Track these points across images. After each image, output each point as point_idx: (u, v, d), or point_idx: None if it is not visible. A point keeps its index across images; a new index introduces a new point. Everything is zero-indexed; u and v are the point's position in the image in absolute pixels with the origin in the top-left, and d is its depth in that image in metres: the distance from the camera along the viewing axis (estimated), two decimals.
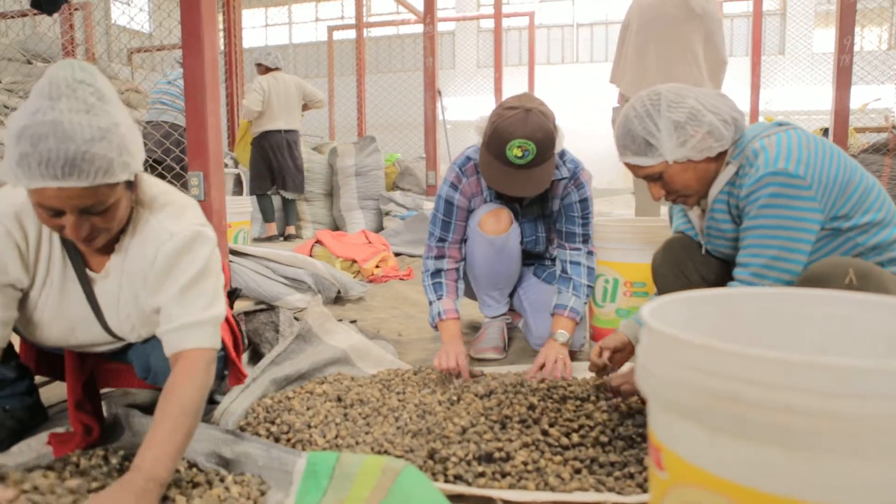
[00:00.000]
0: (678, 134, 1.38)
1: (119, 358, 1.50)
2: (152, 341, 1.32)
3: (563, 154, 2.02)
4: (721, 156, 1.44)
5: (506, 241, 2.02)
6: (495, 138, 1.80)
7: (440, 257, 2.07)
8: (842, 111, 4.86)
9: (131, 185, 1.17)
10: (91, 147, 1.03)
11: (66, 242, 1.24)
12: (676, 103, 1.39)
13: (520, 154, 1.78)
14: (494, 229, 2.00)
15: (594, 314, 2.08)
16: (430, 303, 2.04)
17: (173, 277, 1.18)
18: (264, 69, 5.49)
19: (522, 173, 1.83)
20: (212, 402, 1.68)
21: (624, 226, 2.01)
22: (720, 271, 1.59)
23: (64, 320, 1.30)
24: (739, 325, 0.84)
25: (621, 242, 1.96)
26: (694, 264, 1.61)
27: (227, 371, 1.48)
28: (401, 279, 3.60)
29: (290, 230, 5.60)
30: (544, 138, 1.80)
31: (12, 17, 7.15)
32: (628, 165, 1.47)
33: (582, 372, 1.82)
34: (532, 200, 2.08)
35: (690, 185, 1.44)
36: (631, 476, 1.21)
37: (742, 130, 1.43)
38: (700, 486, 0.61)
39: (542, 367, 1.81)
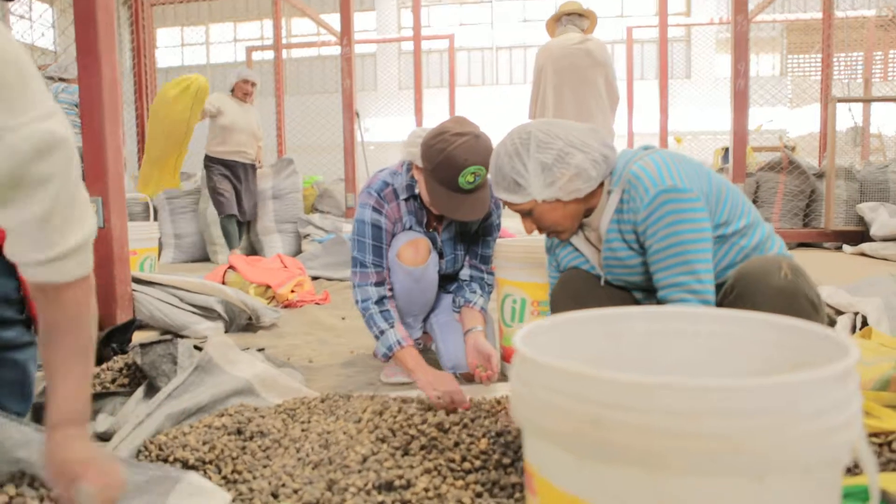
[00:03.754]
0: (545, 175, 1.40)
1: None
2: None
3: None
4: (591, 194, 1.46)
5: (424, 272, 2.00)
6: (448, 165, 1.74)
7: (380, 283, 1.95)
8: (740, 131, 5.17)
9: None
10: None
11: None
12: (546, 143, 1.40)
13: (472, 180, 1.76)
14: (413, 261, 1.98)
15: (504, 334, 2.10)
16: (382, 332, 1.89)
17: (25, 198, 0.93)
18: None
19: (469, 198, 1.81)
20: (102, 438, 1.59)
21: (530, 246, 2.04)
22: (623, 300, 1.60)
23: None
24: (622, 347, 0.85)
25: (528, 263, 1.99)
26: (596, 298, 1.60)
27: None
28: (317, 304, 3.53)
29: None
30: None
31: None
32: (501, 199, 1.50)
33: (491, 392, 1.83)
34: (451, 220, 2.08)
35: (560, 222, 1.47)
36: None
37: (613, 166, 1.46)
38: None
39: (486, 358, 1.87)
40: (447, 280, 2.19)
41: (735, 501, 0.54)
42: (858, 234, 5.52)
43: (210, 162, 5.34)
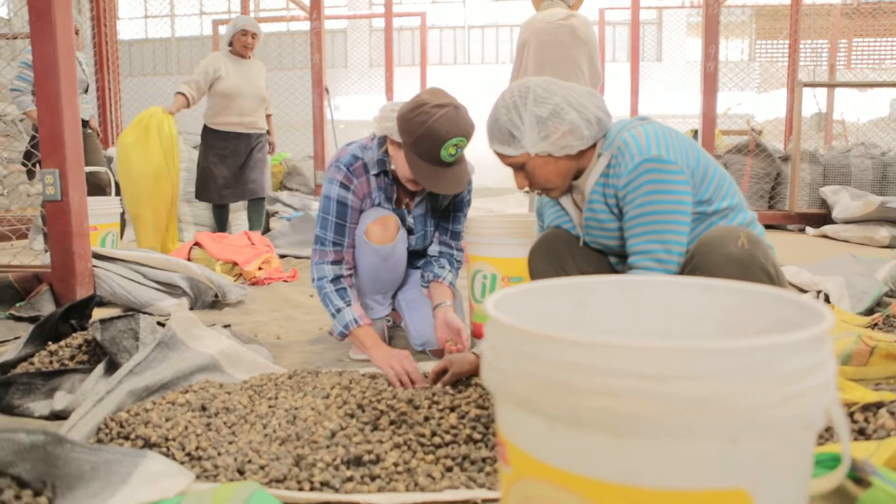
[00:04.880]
0: (540, 128, 1.42)
1: None
2: None
3: None
4: (584, 153, 1.48)
5: (392, 250, 1.97)
6: (430, 138, 1.71)
7: (338, 262, 1.93)
8: (709, 114, 5.21)
9: None
10: None
11: None
12: (543, 98, 1.42)
13: (454, 152, 1.73)
14: (381, 238, 1.94)
15: (474, 310, 2.09)
16: (338, 310, 1.88)
17: None
18: None
19: (450, 170, 1.78)
20: (58, 417, 1.54)
21: (500, 221, 2.03)
22: (598, 263, 1.63)
23: None
24: (591, 316, 0.84)
25: (498, 237, 1.97)
26: (572, 257, 1.63)
27: None
28: (284, 281, 3.48)
29: None
30: (472, 134, 1.78)
31: None
32: (496, 153, 1.50)
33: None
34: (423, 197, 2.05)
35: (551, 179, 1.48)
36: None
37: (606, 129, 1.48)
38: (540, 478, 0.59)
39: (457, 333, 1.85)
40: (416, 256, 2.17)
41: (708, 464, 0.53)
42: (821, 217, 5.64)
43: (209, 136, 4.46)
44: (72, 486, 1.13)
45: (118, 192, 4.18)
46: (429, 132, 1.71)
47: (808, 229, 5.61)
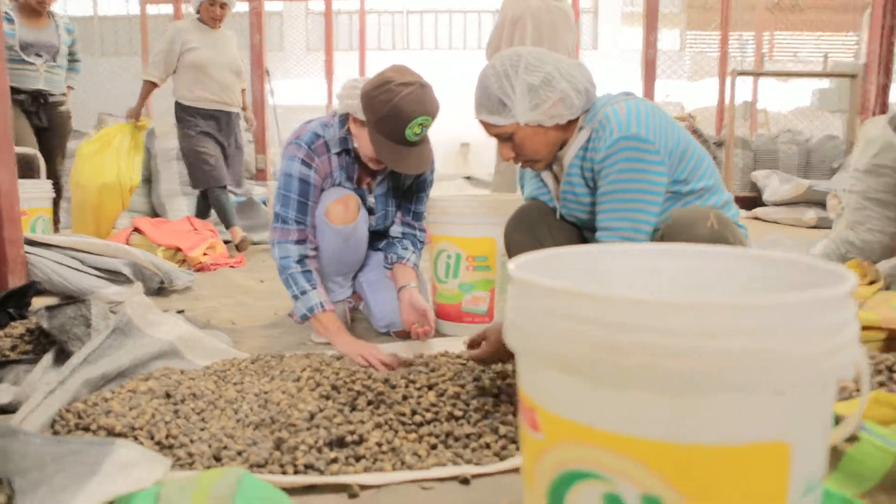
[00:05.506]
0: (531, 97, 1.41)
1: None
2: None
3: None
4: (570, 124, 1.48)
5: (354, 231, 1.93)
6: (394, 117, 1.67)
7: (302, 241, 1.85)
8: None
9: None
10: None
11: None
12: (535, 67, 1.42)
13: (419, 132, 1.70)
14: (342, 219, 1.90)
15: (437, 290, 2.07)
16: (303, 292, 1.80)
17: None
18: None
19: (415, 150, 1.75)
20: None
21: (465, 200, 2.02)
22: (573, 236, 1.63)
23: None
24: (599, 281, 0.84)
25: (462, 217, 1.96)
26: (549, 229, 1.63)
27: None
28: (231, 267, 3.37)
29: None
30: (437, 113, 1.74)
31: None
32: (482, 123, 1.48)
33: (428, 348, 1.81)
34: (385, 176, 2.01)
35: (539, 150, 1.47)
36: (487, 446, 1.20)
37: (593, 101, 1.48)
38: (581, 441, 0.58)
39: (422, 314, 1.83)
40: (377, 237, 2.14)
41: (753, 418, 0.53)
42: (752, 200, 5.89)
43: (184, 114, 3.97)
44: (32, 481, 1.06)
45: (50, 176, 3.91)
46: (394, 111, 1.67)
47: (741, 212, 5.85)
